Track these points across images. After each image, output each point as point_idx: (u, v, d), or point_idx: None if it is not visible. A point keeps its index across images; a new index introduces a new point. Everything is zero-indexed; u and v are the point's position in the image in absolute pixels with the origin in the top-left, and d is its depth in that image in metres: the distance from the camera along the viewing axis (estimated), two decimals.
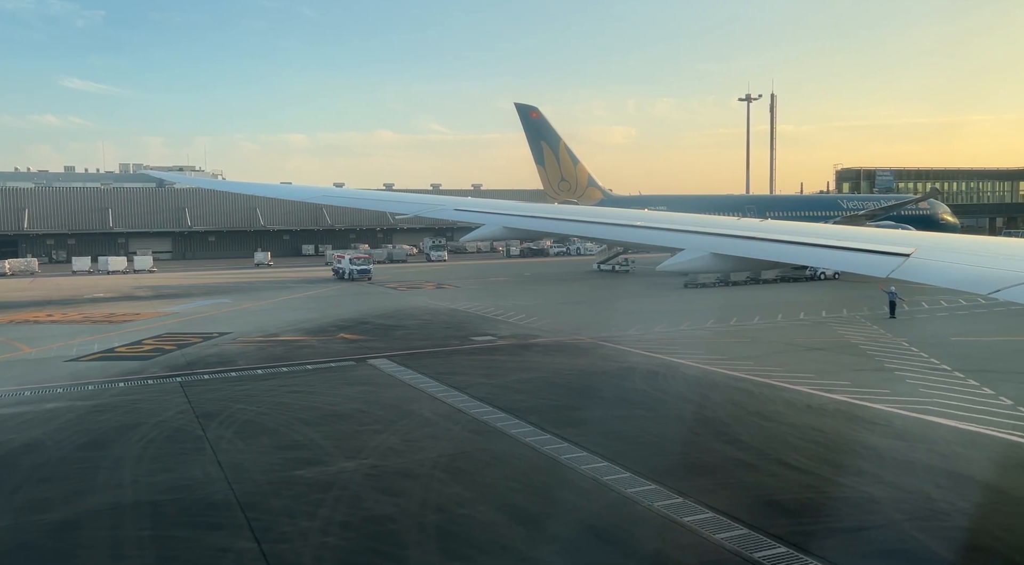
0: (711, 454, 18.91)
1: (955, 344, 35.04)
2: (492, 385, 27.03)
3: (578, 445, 19.49)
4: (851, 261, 11.07)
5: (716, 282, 65.22)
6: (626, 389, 26.41)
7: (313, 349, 35.20)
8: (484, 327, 41.76)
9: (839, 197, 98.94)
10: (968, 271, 9.95)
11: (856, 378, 27.67)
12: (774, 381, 27.29)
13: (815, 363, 30.88)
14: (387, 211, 61.61)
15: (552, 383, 27.32)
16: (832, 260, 11.52)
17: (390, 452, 18.96)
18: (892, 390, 25.60)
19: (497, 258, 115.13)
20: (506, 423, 21.64)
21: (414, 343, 36.85)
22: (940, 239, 12.60)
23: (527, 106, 74.52)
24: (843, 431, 21.03)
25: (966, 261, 10.35)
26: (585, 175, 77.41)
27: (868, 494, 16.18)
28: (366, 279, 74.56)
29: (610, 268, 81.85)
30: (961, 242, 11.94)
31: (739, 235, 13.33)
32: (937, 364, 29.98)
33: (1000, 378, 27.35)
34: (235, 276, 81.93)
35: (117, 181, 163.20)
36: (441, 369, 30.01)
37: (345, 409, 23.42)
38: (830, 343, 35.54)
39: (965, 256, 10.60)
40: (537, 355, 33.36)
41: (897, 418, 22.29)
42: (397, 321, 44.50)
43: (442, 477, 17.07)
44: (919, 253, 10.40)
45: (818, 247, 11.86)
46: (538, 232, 23.38)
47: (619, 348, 34.70)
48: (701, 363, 30.84)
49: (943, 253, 10.75)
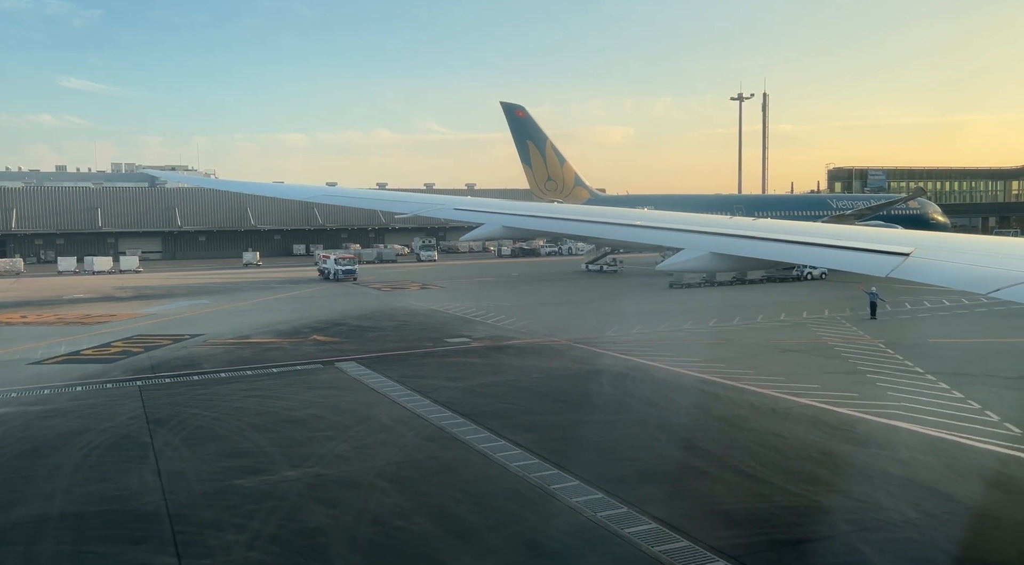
0: (666, 461, 18.51)
1: (932, 346, 34.68)
2: (457, 389, 26.62)
3: (532, 452, 19.09)
4: (850, 260, 11.04)
5: (701, 282, 64.86)
6: (592, 393, 26.00)
7: (283, 352, 34.76)
8: (461, 329, 41.34)
9: (828, 197, 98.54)
10: (967, 270, 9.94)
11: (827, 381, 27.29)
12: (743, 384, 26.90)
13: (787, 365, 30.49)
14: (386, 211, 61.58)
15: (518, 387, 26.90)
16: (831, 259, 11.43)
17: (338, 460, 18.55)
18: (860, 394, 25.22)
19: (489, 258, 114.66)
20: (463, 429, 21.24)
21: (387, 345, 36.42)
22: (939, 238, 12.63)
23: (513, 105, 74.06)
24: (804, 437, 20.63)
25: (965, 260, 10.31)
26: (572, 174, 76.97)
27: (818, 504, 15.79)
28: (351, 279, 74.08)
29: (598, 268, 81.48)
30: (960, 241, 11.95)
31: (738, 234, 13.30)
32: (911, 367, 29.60)
33: (972, 381, 26.98)
34: (221, 276, 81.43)
35: (109, 180, 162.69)
36: (408, 372, 29.59)
37: (301, 414, 22.99)
38: (806, 345, 35.16)
39: (964, 255, 10.57)
40: (509, 357, 32.95)
41: (861, 423, 21.91)
42: (374, 323, 44.07)
43: (385, 486, 16.65)
44: (918, 252, 10.38)
45: (817, 246, 11.87)
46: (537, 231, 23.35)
47: (593, 350, 34.30)
48: (673, 365, 30.44)
49: (942, 252, 10.73)
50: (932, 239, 11.86)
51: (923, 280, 9.91)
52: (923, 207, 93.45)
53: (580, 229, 21.26)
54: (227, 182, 66.25)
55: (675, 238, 14.71)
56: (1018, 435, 20.27)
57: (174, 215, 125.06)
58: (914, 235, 12.56)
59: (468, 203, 24.15)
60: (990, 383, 26.70)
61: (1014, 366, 29.27)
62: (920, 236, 12.35)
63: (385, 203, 34.05)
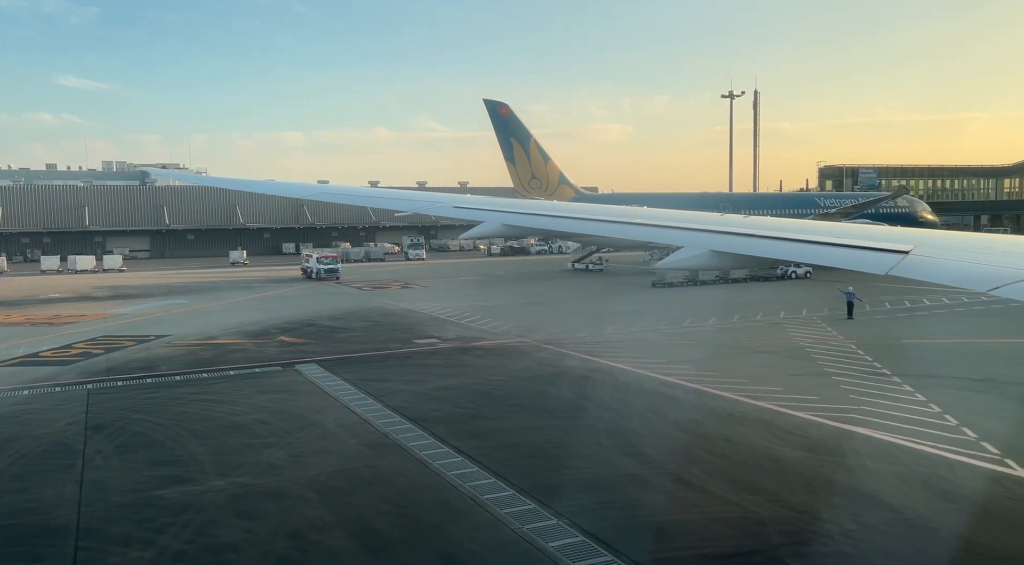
0: (608, 469, 17.98)
1: (904, 347, 34.21)
2: (413, 392, 26.10)
3: (473, 459, 18.59)
4: (850, 258, 11.01)
5: (684, 281, 64.39)
6: (549, 396, 25.48)
7: (245, 353, 34.20)
8: (432, 329, 40.82)
9: (816, 195, 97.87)
10: (966, 268, 9.87)
11: (790, 384, 26.78)
12: (705, 387, 26.39)
13: (753, 367, 30.00)
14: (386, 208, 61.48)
15: (475, 390, 26.38)
16: (831, 257, 11.34)
17: (270, 469, 18.01)
18: (822, 397, 24.72)
19: (479, 257, 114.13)
20: (408, 435, 20.70)
21: (353, 346, 35.88)
22: (938, 236, 12.55)
23: (496, 102, 73.38)
24: (755, 442, 20.11)
25: (965, 258, 10.24)
26: (556, 172, 76.35)
27: (755, 515, 15.27)
28: (334, 279, 73.57)
29: (584, 267, 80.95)
30: (960, 239, 11.90)
31: (738, 233, 13.26)
32: (878, 368, 29.11)
33: (938, 384, 26.50)
34: (205, 275, 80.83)
35: (100, 179, 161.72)
36: (367, 375, 29.05)
37: (246, 420, 22.45)
38: (777, 346, 34.66)
39: (963, 253, 10.52)
40: (473, 359, 32.43)
41: (816, 428, 21.40)
42: (345, 323, 43.53)
43: (312, 498, 16.11)
44: (918, 250, 10.37)
45: (817, 244, 11.84)
46: (537, 230, 23.50)
47: (561, 351, 33.78)
48: (637, 367, 29.93)
49: (941, 250, 10.69)
50: (931, 237, 11.76)
51: (922, 278, 9.87)
52: (911, 205, 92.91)
53: (580, 227, 21.02)
54: (219, 179, 65.87)
55: (675, 236, 14.68)
56: (973, 440, 19.79)
57: (162, 214, 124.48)
58: (913, 233, 12.50)
59: (467, 201, 24.15)
60: (956, 386, 26.22)
61: (983, 368, 28.78)
62: (919, 234, 12.21)
63: (384, 201, 34.04)
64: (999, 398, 24.48)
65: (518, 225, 20.95)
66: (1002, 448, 19.08)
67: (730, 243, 13.14)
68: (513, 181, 75.36)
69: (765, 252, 12.44)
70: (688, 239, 14.18)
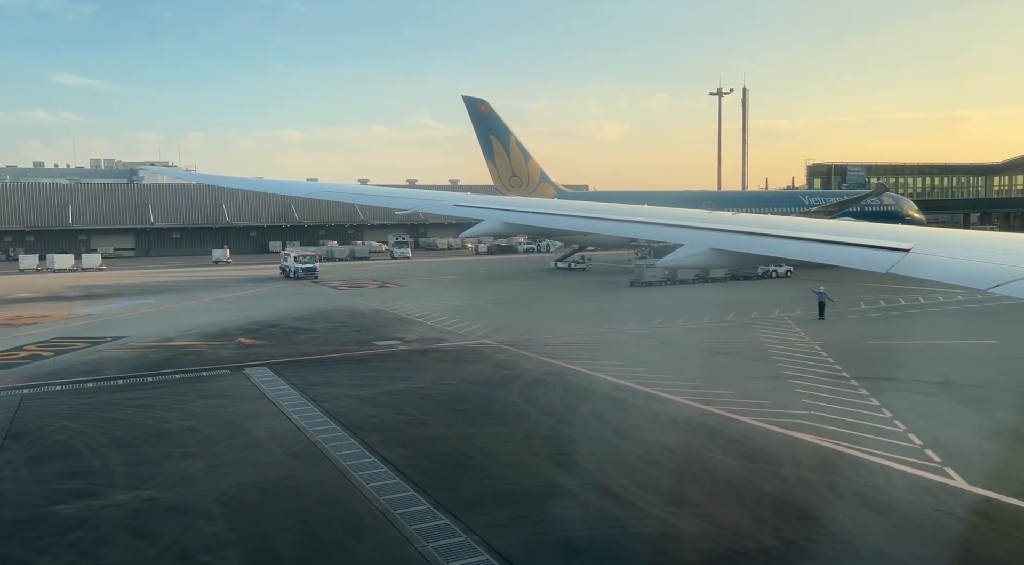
0: (534, 479, 17.34)
1: (869, 348, 33.61)
2: (357, 397, 25.43)
3: (397, 469, 17.93)
4: (851, 256, 11.00)
5: (663, 281, 63.76)
6: (495, 401, 24.81)
7: (198, 356, 33.49)
8: (397, 330, 40.14)
9: (800, 193, 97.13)
10: (968, 266, 9.84)
11: (744, 387, 26.16)
12: (657, 391, 25.76)
13: (711, 370, 29.37)
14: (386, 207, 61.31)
15: (422, 394, 25.71)
16: (832, 256, 11.35)
17: (183, 481, 17.33)
18: (773, 401, 24.10)
19: (466, 255, 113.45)
20: (337, 444, 20.04)
21: (311, 348, 35.19)
22: (939, 234, 12.60)
23: (475, 99, 72.55)
24: (694, 451, 19.48)
25: (966, 256, 10.22)
26: (537, 170, 75.60)
27: (675, 530, 14.66)
28: (312, 278, 72.86)
29: (566, 266, 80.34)
30: (960, 237, 11.96)
31: (740, 231, 13.29)
32: (838, 371, 28.50)
33: (895, 387, 25.90)
34: (185, 274, 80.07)
35: (88, 177, 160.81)
36: (316, 379, 28.38)
37: (175, 427, 21.75)
38: (741, 347, 34.02)
39: (964, 251, 10.50)
40: (430, 362, 31.74)
41: (759, 435, 20.78)
42: (310, 324, 42.82)
43: (216, 513, 15.45)
44: (919, 248, 10.37)
45: (818, 242, 11.89)
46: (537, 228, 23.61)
47: (521, 353, 33.13)
48: (594, 370, 29.28)
49: (942, 248, 10.66)
50: (932, 235, 11.80)
51: (924, 276, 9.82)
52: (897, 203, 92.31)
53: (580, 225, 20.95)
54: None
55: (676, 234, 14.58)
56: (917, 448, 19.17)
57: (147, 212, 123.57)
58: (914, 231, 12.53)
59: (468, 200, 24.19)
60: (913, 389, 25.61)
61: (944, 371, 28.19)
62: (920, 232, 12.30)
63: (385, 200, 33.96)
64: (953, 402, 23.87)
65: (518, 223, 21.01)
66: (945, 456, 18.46)
67: (731, 241, 13.14)
68: (493, 179, 74.60)
69: (766, 250, 12.47)
70: (689, 237, 14.14)
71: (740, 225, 13.76)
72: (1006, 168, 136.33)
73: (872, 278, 61.01)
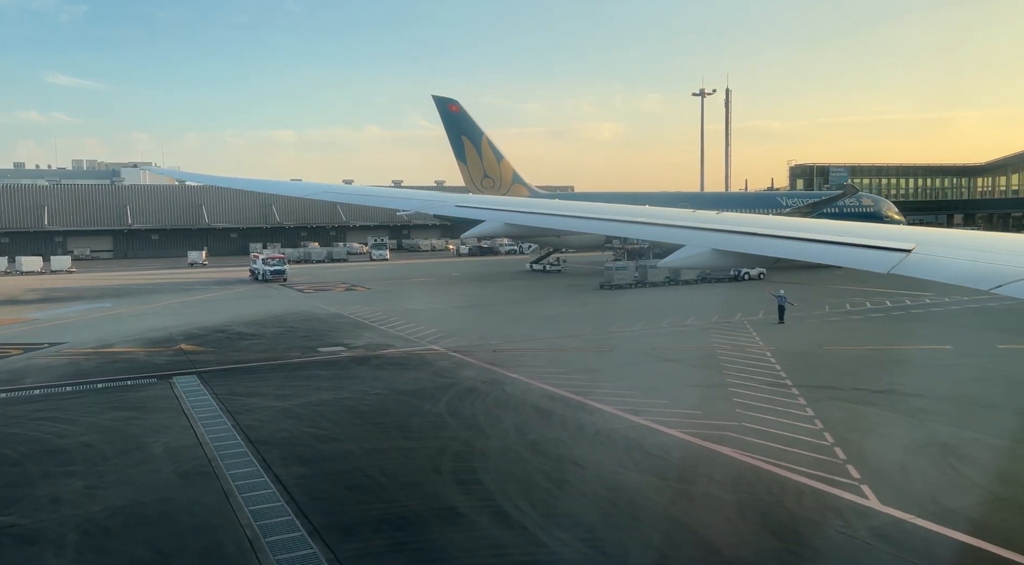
0: (428, 501, 16.37)
1: (821, 355, 32.75)
2: (277, 409, 24.42)
3: (286, 490, 16.94)
4: (852, 257, 11.02)
5: (633, 283, 62.93)
6: (419, 413, 23.83)
7: (130, 363, 32.46)
8: (347, 336, 39.16)
9: (778, 194, 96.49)
10: (969, 266, 9.78)
11: (680, 396, 25.27)
12: (590, 400, 24.84)
13: (653, 377, 28.47)
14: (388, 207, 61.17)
15: (345, 406, 24.72)
16: (833, 256, 11.37)
17: (51, 504, 16.24)
18: (706, 412, 23.19)
19: (447, 257, 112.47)
20: (234, 461, 19.02)
21: (251, 355, 34.17)
22: (941, 234, 12.66)
23: (445, 99, 71.55)
24: (605, 467, 18.54)
25: (967, 256, 10.16)
26: (510, 171, 74.67)
27: (554, 557, 13.71)
28: (281, 280, 71.83)
29: (542, 268, 79.51)
30: (962, 237, 11.94)
31: (741, 231, 13.32)
32: (782, 378, 27.62)
33: (834, 396, 25.04)
34: (155, 277, 78.93)
35: (70, 178, 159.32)
36: (243, 389, 27.39)
37: (71, 443, 20.70)
38: (690, 353, 33.14)
39: (966, 251, 10.44)
40: (367, 370, 30.72)
41: (680, 448, 19.88)
42: (259, 329, 41.78)
43: (69, 542, 14.34)
44: (920, 248, 10.35)
45: (819, 243, 11.93)
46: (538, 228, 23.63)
47: (465, 360, 32.17)
48: (532, 378, 28.33)
49: (944, 248, 10.65)
50: (934, 235, 11.81)
51: (925, 276, 9.80)
52: (876, 204, 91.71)
53: (577, 225, 21.09)
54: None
55: (678, 235, 14.51)
56: (839, 463, 18.27)
57: (126, 213, 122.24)
58: (916, 231, 12.58)
59: (470, 200, 24.00)
60: (851, 398, 24.75)
61: (890, 378, 27.35)
62: (922, 232, 12.32)
63: (386, 200, 34.00)
64: (889, 413, 23.01)
65: (520, 224, 21.10)
66: (865, 472, 17.58)
67: (732, 242, 13.13)
68: (464, 180, 73.65)
69: (766, 251, 12.41)
70: (691, 238, 14.03)
71: (741, 225, 13.78)
72: (990, 169, 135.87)
73: (848, 281, 60.36)
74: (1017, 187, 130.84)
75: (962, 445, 19.82)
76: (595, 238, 74.66)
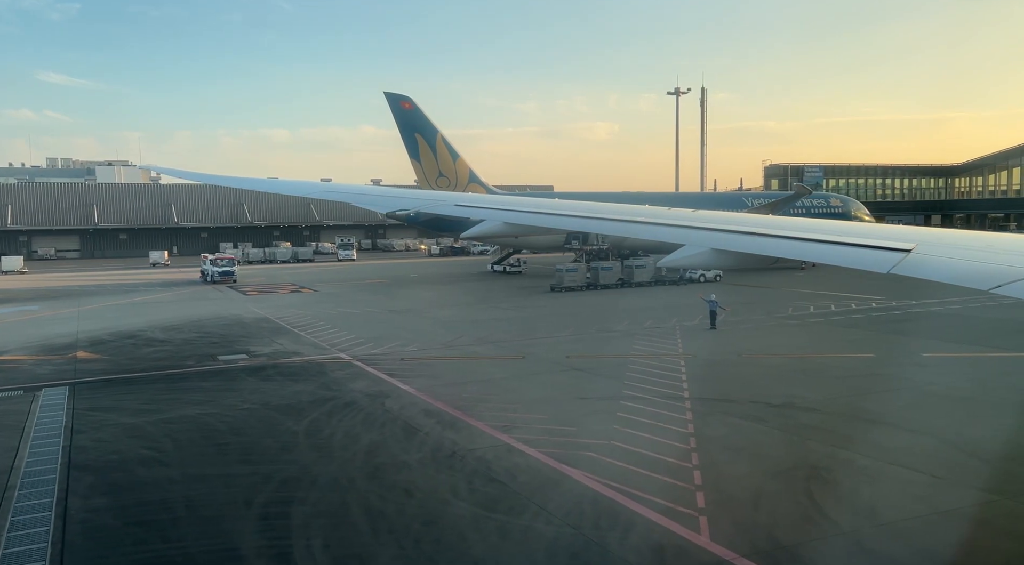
0: (212, 540, 14.63)
1: (736, 364, 31.15)
2: (126, 426, 22.71)
3: (66, 527, 15.19)
4: (852, 257, 11.01)
5: (584, 286, 61.29)
6: (275, 432, 22.05)
7: (13, 372, 30.71)
8: (258, 342, 37.48)
9: (744, 195, 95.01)
10: (969, 266, 9.82)
11: (563, 410, 23.67)
12: (466, 415, 23.23)
13: (546, 389, 26.84)
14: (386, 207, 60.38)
15: (201, 423, 22.97)
16: (833, 256, 11.33)
17: None
18: (580, 428, 21.58)
19: (418, 257, 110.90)
20: (33, 490, 17.26)
21: (145, 364, 32.45)
22: (941, 234, 12.71)
23: (398, 96, 69.81)
24: (435, 497, 16.81)
25: (967, 256, 10.19)
26: (466, 170, 73.02)
27: None
28: (230, 281, 70.10)
29: (502, 269, 77.95)
30: (961, 237, 11.92)
31: (740, 231, 13.38)
32: (682, 390, 26.00)
33: (725, 410, 23.46)
34: (108, 277, 77.14)
35: (43, 176, 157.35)
36: (108, 402, 25.72)
37: None
38: (601, 362, 31.50)
39: (966, 251, 10.50)
40: (254, 381, 28.97)
41: (528, 473, 18.20)
42: (173, 334, 40.07)
43: None
44: (920, 248, 10.39)
45: (818, 243, 11.92)
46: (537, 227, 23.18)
47: (364, 370, 30.51)
48: (422, 390, 26.73)
49: (944, 248, 10.69)
50: (933, 235, 11.82)
51: (925, 276, 9.83)
52: (845, 205, 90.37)
53: (580, 225, 21.19)
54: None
55: (675, 234, 14.54)
56: (690, 491, 16.69)
57: (92, 212, 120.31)
58: (915, 231, 12.60)
59: (469, 199, 24.18)
60: (742, 413, 23.17)
61: (792, 389, 25.80)
62: (921, 232, 12.37)
63: (386, 200, 33.90)
64: (774, 429, 21.45)
65: (518, 223, 21.08)
66: (711, 501, 16.01)
67: (732, 241, 13.16)
68: (418, 179, 72.00)
69: (766, 250, 12.42)
70: (691, 237, 14.02)
71: (741, 225, 13.76)
72: (967, 169, 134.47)
73: (813, 285, 58.93)
74: (994, 187, 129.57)
75: (834, 468, 18.28)
76: (555, 240, 73.16)
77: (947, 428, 21.49)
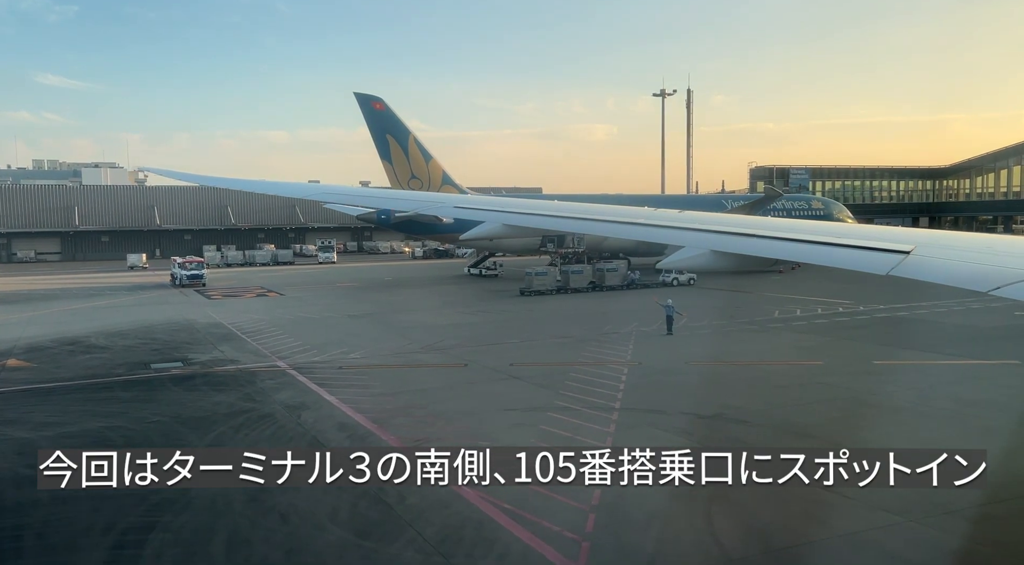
0: None
1: (681, 372, 29.96)
2: (15, 441, 21.23)
3: None
4: (850, 259, 11.03)
5: (554, 289, 60.21)
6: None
7: None
8: (200, 349, 36.37)
9: (723, 197, 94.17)
10: (968, 268, 9.85)
11: (483, 424, 22.55)
12: (382, 430, 22.00)
13: (475, 400, 25.75)
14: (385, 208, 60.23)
15: (100, 438, 21.49)
16: (831, 257, 11.37)
17: None
18: (495, 443, 20.49)
19: (401, 260, 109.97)
20: None
21: (74, 372, 31.30)
22: (940, 235, 12.73)
23: (369, 96, 68.81)
24: (310, 522, 15.59)
25: (966, 258, 10.22)
26: (439, 172, 71.98)
27: None
28: (199, 285, 69.02)
29: (478, 272, 76.93)
30: (960, 239, 11.94)
31: (740, 233, 13.43)
32: (615, 401, 24.85)
33: (652, 422, 22.35)
34: (79, 281, 76.01)
35: (29, 178, 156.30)
36: (12, 415, 24.32)
37: None
38: (544, 369, 30.31)
39: (965, 253, 10.52)
40: (176, 392, 27.78)
41: (418, 494, 17.15)
42: (115, 341, 38.92)
43: None
44: (919, 250, 10.41)
45: (817, 244, 11.95)
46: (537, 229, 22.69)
47: (296, 379, 29.38)
48: (347, 401, 25.54)
49: (943, 250, 10.70)
50: (932, 237, 11.91)
51: (924, 278, 9.79)
52: (827, 207, 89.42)
53: (580, 227, 21.42)
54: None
55: (677, 236, 14.63)
56: (583, 512, 15.52)
57: (74, 214, 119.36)
58: (914, 233, 13.08)
59: (468, 201, 24.31)
60: (668, 425, 22.01)
61: (728, 400, 24.65)
62: (920, 234, 12.61)
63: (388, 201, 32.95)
64: (696, 443, 20.37)
65: (518, 225, 21.15)
66: (601, 524, 14.87)
67: (732, 243, 13.23)
68: (390, 181, 70.92)
69: (766, 252, 12.54)
70: (690, 239, 14.13)
71: (742, 227, 13.82)
72: (956, 171, 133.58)
73: (790, 290, 57.91)
74: (981, 189, 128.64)
75: (744, 487, 17.25)
76: (530, 242, 72.19)
77: (869, 441, 20.43)
